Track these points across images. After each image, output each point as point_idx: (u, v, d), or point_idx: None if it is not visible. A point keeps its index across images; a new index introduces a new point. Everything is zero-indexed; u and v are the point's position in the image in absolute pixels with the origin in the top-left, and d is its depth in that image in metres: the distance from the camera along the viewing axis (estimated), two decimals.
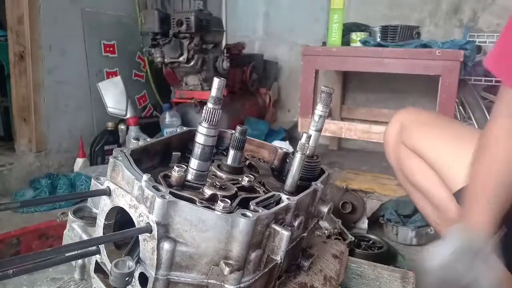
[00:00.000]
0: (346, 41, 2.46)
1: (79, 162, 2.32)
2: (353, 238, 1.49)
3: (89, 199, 0.81)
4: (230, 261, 0.60)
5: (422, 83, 2.91)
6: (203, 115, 0.67)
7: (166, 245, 0.58)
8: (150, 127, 2.59)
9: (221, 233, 0.59)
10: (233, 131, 0.80)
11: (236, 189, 0.68)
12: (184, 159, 0.81)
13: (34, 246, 1.43)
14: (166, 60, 2.53)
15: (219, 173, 0.77)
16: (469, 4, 2.83)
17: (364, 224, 1.73)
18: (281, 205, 0.66)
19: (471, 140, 0.92)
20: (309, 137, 0.72)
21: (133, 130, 2.45)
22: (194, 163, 0.69)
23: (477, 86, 2.67)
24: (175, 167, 0.66)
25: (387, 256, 1.52)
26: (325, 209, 0.80)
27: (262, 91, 3.23)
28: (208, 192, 0.65)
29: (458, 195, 0.93)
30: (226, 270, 0.59)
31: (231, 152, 0.78)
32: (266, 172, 0.87)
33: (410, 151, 1.08)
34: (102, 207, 0.69)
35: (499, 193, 0.82)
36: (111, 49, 2.64)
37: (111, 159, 0.69)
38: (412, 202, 1.73)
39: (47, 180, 2.04)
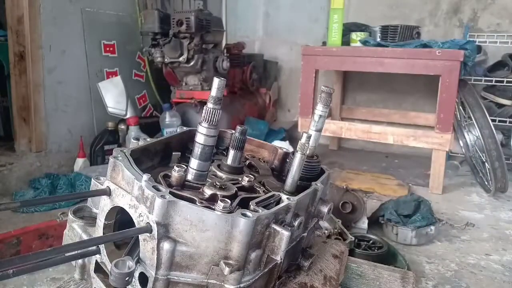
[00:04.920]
0: (346, 41, 2.46)
1: (79, 162, 2.32)
2: (353, 238, 1.48)
3: (89, 199, 0.81)
4: (230, 261, 0.60)
5: (422, 83, 2.91)
6: (203, 115, 0.67)
7: (166, 245, 0.58)
8: (150, 127, 2.59)
9: (221, 233, 0.59)
10: (233, 131, 0.80)
11: (236, 189, 0.68)
12: (184, 159, 0.81)
13: (34, 246, 1.43)
14: (166, 60, 2.53)
15: (219, 173, 0.77)
16: (469, 4, 2.83)
17: (364, 224, 1.73)
18: (281, 205, 0.66)
19: None
20: (309, 137, 0.72)
21: (133, 130, 2.45)
22: (194, 163, 0.69)
23: (477, 86, 2.67)
24: (175, 167, 0.66)
25: (387, 256, 1.51)
26: (325, 209, 0.80)
27: (262, 91, 3.23)
28: (208, 192, 0.65)
29: None
30: (226, 270, 0.59)
31: (231, 152, 0.78)
32: (266, 172, 0.87)
33: None
34: (102, 207, 0.69)
35: None
36: (111, 49, 2.64)
37: (111, 159, 0.69)
38: (412, 201, 1.74)
39: (47, 180, 2.04)
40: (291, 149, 0.93)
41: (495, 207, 2.12)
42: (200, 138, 0.68)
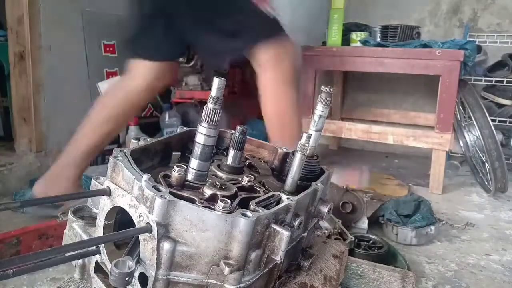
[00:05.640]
0: (346, 41, 2.46)
1: None
2: (353, 238, 1.48)
3: (89, 199, 0.81)
4: (230, 261, 0.60)
5: (422, 83, 2.91)
6: (203, 115, 0.67)
7: (166, 245, 0.58)
8: (150, 127, 2.59)
9: (221, 233, 0.59)
10: (233, 131, 0.80)
11: (236, 189, 0.68)
12: (184, 159, 0.81)
13: (34, 246, 1.43)
14: None
15: (219, 173, 0.77)
16: (469, 4, 2.83)
17: (364, 224, 1.72)
18: (281, 205, 0.66)
19: None
20: (309, 137, 0.72)
21: (133, 130, 2.45)
22: (194, 163, 0.69)
23: (477, 86, 2.67)
24: (175, 167, 0.66)
25: (387, 256, 1.51)
26: (325, 209, 0.80)
27: None
28: (208, 192, 0.65)
29: None
30: (226, 270, 0.59)
31: (231, 152, 0.78)
32: (266, 172, 0.87)
33: None
34: (102, 207, 0.69)
35: None
36: (111, 49, 2.64)
37: (111, 159, 0.69)
38: (412, 201, 1.74)
39: None
40: (291, 149, 0.93)
41: (495, 207, 2.12)
42: (200, 138, 0.68)
